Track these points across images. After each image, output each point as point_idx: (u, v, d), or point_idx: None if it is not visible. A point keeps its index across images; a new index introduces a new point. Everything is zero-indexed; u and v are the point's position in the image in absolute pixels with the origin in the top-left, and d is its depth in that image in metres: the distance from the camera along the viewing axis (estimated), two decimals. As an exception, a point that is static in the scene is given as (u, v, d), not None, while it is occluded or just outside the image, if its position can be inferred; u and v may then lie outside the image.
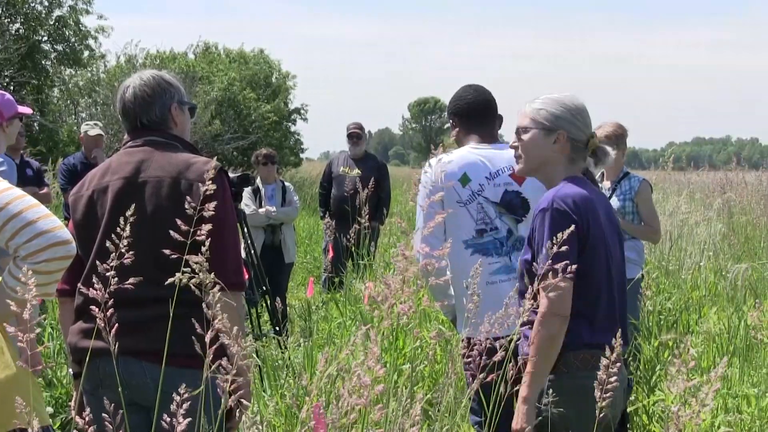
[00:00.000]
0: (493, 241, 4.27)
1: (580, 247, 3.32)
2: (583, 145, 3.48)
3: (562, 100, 3.52)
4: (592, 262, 3.30)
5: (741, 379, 6.24)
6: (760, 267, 9.57)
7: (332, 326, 7.09)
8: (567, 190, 3.40)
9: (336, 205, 10.23)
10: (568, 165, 3.49)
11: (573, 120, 3.48)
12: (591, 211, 3.36)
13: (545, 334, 3.26)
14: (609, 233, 3.43)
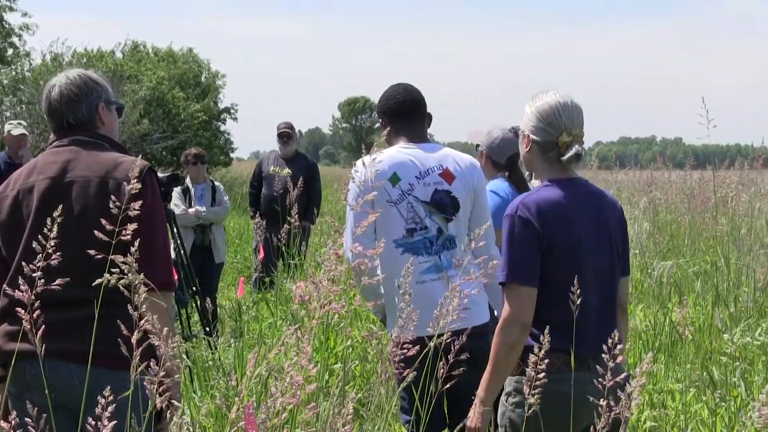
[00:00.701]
0: (423, 240, 4.29)
1: (543, 254, 3.35)
2: (552, 146, 3.44)
3: (536, 100, 3.49)
4: (557, 269, 3.30)
5: (666, 375, 6.35)
6: (685, 264, 9.74)
7: (263, 326, 7.07)
8: (534, 195, 3.42)
9: (266, 204, 10.20)
10: (548, 166, 3.48)
11: (536, 121, 3.46)
12: (560, 217, 3.36)
13: (504, 341, 3.32)
14: (589, 238, 3.41)
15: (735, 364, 5.99)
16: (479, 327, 4.25)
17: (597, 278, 3.42)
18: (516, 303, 3.32)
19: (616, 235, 3.50)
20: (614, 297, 3.49)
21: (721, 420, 5.33)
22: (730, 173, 11.08)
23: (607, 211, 3.50)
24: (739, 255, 8.80)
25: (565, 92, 3.48)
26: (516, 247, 3.34)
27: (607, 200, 3.54)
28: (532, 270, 3.32)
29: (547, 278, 3.32)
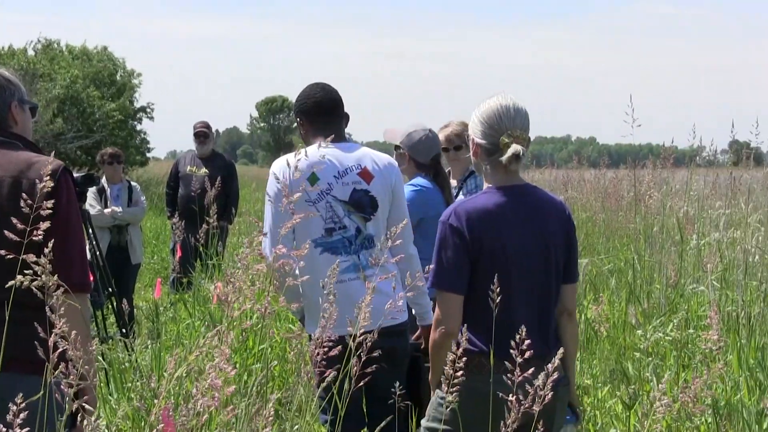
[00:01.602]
0: (342, 239, 4.30)
1: (472, 260, 3.40)
2: (495, 148, 3.46)
3: (481, 106, 3.53)
4: (485, 276, 3.32)
5: (582, 371, 6.45)
6: (600, 262, 9.90)
7: (181, 327, 7.01)
8: (468, 203, 3.47)
9: (183, 204, 10.11)
10: (494, 171, 3.51)
11: (480, 125, 3.50)
12: (490, 225, 3.40)
13: (434, 343, 3.44)
14: (521, 246, 3.44)
15: (648, 359, 6.11)
16: (396, 326, 4.27)
17: (528, 286, 3.46)
18: (443, 308, 3.43)
19: (557, 243, 3.53)
20: (549, 303, 3.53)
21: (635, 414, 5.43)
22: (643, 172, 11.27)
23: (549, 220, 3.53)
24: (651, 252, 8.97)
25: (509, 96, 3.52)
26: (445, 254, 3.42)
27: (552, 207, 3.57)
28: (459, 277, 3.39)
29: (475, 285, 3.38)
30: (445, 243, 3.42)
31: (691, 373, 5.92)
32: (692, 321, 7.16)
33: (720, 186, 10.87)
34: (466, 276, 3.40)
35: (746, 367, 5.63)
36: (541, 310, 3.50)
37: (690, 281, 8.11)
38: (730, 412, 5.17)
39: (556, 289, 3.55)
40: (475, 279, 3.40)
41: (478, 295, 3.35)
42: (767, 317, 6.42)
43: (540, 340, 3.39)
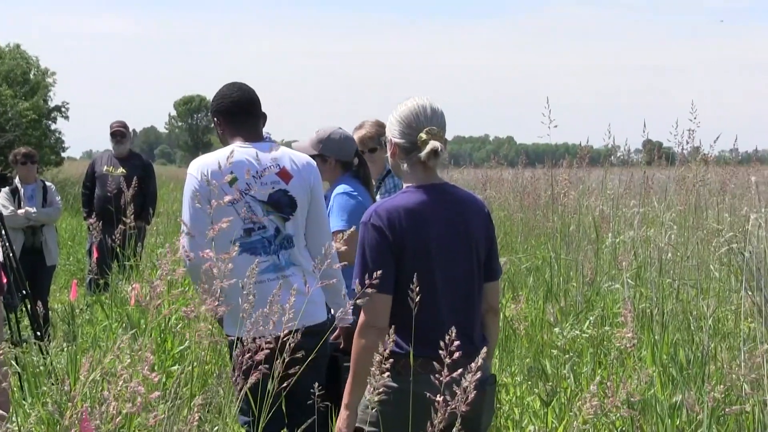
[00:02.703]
0: (261, 240, 4.28)
1: (396, 259, 3.41)
2: (413, 146, 3.48)
3: (398, 107, 3.55)
4: (409, 275, 3.33)
5: (500, 369, 6.51)
6: (518, 261, 10.01)
7: (97, 330, 6.91)
8: (389, 203, 3.48)
9: (100, 205, 9.97)
10: (412, 170, 3.53)
11: (397, 125, 3.52)
12: (412, 224, 3.42)
13: (360, 344, 3.40)
14: (444, 244, 3.46)
15: (565, 356, 6.19)
16: (316, 326, 4.27)
17: (452, 284, 3.48)
18: (369, 309, 3.40)
19: (479, 241, 3.56)
20: (474, 301, 3.55)
21: (552, 411, 5.51)
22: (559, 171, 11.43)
23: (470, 217, 3.56)
24: (568, 251, 9.09)
25: (425, 98, 3.56)
26: (368, 254, 3.41)
27: (473, 206, 3.60)
28: (384, 277, 3.39)
29: (400, 285, 3.38)
30: (369, 243, 3.42)
31: (607, 370, 6.02)
32: (608, 318, 7.29)
33: (634, 185, 11.07)
34: (391, 275, 3.40)
35: (660, 363, 5.75)
36: (466, 309, 3.52)
37: (605, 279, 8.25)
38: (644, 406, 5.26)
39: (479, 287, 3.58)
40: (399, 279, 3.40)
41: (402, 296, 3.36)
42: (679, 314, 6.56)
43: (466, 339, 3.41)
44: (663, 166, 10.31)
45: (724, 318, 6.79)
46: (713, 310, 5.99)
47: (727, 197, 9.31)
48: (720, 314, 6.74)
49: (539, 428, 5.34)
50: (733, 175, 9.54)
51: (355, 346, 3.43)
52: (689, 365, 5.63)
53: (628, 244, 8.16)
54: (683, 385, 5.30)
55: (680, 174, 8.91)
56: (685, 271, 7.27)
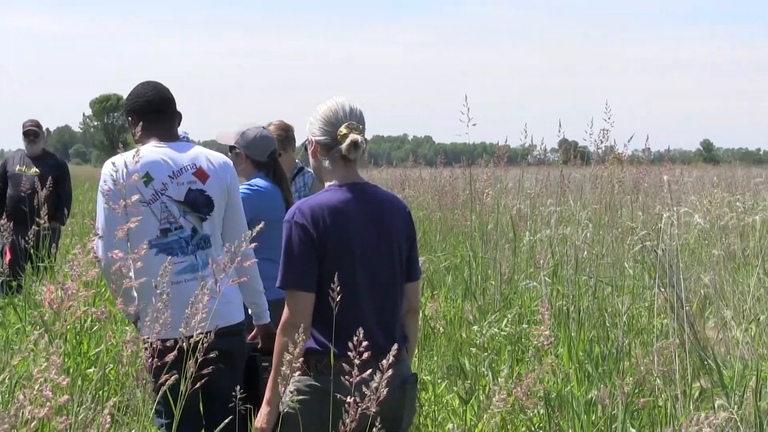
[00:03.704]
0: (177, 240, 4.23)
1: (319, 258, 3.40)
2: (334, 142, 3.50)
3: (318, 108, 3.57)
4: (331, 273, 3.33)
5: (420, 368, 6.55)
6: (436, 259, 10.07)
7: (10, 332, 6.77)
8: (312, 201, 3.48)
9: (12, 205, 9.77)
10: (333, 169, 3.54)
11: (317, 123, 3.54)
12: (335, 222, 3.42)
13: (283, 343, 3.36)
14: (367, 243, 3.47)
15: (484, 354, 6.25)
16: (234, 326, 4.25)
17: (374, 283, 3.49)
18: (293, 307, 3.41)
19: (400, 240, 3.58)
20: (396, 301, 3.57)
21: (471, 409, 5.55)
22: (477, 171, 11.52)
23: (391, 217, 3.57)
24: (486, 250, 9.17)
25: (343, 98, 3.58)
26: (292, 252, 3.42)
27: (394, 205, 3.62)
28: (307, 275, 3.40)
29: (322, 283, 3.38)
30: (292, 241, 3.42)
31: (524, 367, 6.09)
32: (525, 316, 7.37)
33: (551, 184, 11.20)
34: (314, 273, 3.41)
35: (576, 360, 5.83)
36: (387, 308, 3.53)
37: (523, 277, 8.34)
38: (561, 403, 5.34)
39: (400, 287, 3.60)
40: (321, 277, 3.40)
41: (324, 294, 3.36)
42: (595, 311, 6.66)
43: (388, 338, 3.42)
44: (579, 166, 10.46)
45: (638, 314, 6.92)
46: (627, 307, 6.09)
47: (640, 196, 9.47)
48: (634, 311, 6.86)
49: (458, 426, 5.37)
50: (647, 174, 9.69)
51: (278, 343, 3.43)
52: (604, 361, 5.72)
53: (545, 243, 8.27)
54: (599, 381, 5.39)
55: (595, 173, 9.05)
56: (600, 268, 7.38)
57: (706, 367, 5.06)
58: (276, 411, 3.46)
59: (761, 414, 4.49)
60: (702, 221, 7.23)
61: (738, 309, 5.99)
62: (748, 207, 10.38)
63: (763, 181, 13.11)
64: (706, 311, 6.80)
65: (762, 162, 38.79)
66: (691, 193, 12.37)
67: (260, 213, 5.16)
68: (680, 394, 4.71)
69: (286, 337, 3.38)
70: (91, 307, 3.26)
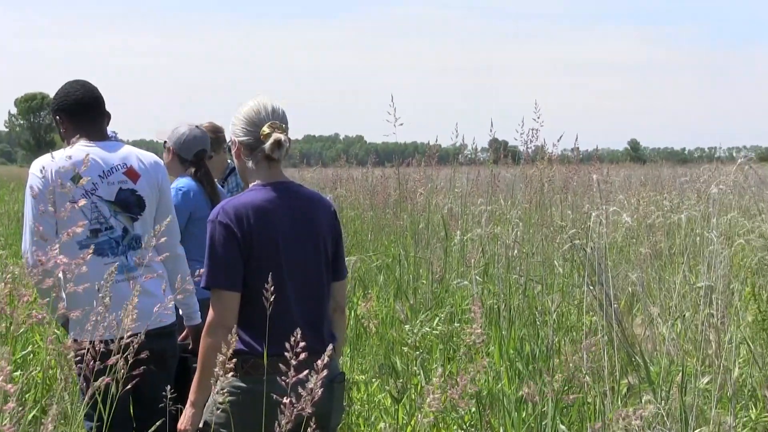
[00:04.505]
0: (108, 240, 4.19)
1: (245, 257, 3.38)
2: (257, 142, 3.49)
3: (240, 108, 3.56)
4: (257, 273, 3.32)
5: (352, 367, 6.55)
6: (368, 259, 10.07)
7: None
8: (236, 200, 3.47)
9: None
10: (257, 168, 3.53)
11: (240, 123, 3.53)
12: (260, 221, 3.40)
13: (209, 344, 3.36)
14: (292, 242, 3.46)
15: (415, 353, 6.27)
16: (165, 327, 4.22)
17: (301, 282, 3.49)
18: (218, 307, 3.39)
19: (326, 239, 3.58)
20: (323, 300, 3.57)
21: (403, 407, 5.57)
22: (409, 170, 11.56)
23: (317, 216, 3.57)
24: (418, 249, 9.21)
25: (266, 97, 3.58)
26: (217, 252, 3.40)
27: (319, 204, 3.62)
28: (232, 275, 3.38)
29: (248, 283, 3.37)
30: (217, 241, 3.40)
31: (456, 365, 6.13)
32: (457, 315, 7.41)
33: (481, 183, 11.28)
34: (240, 273, 3.39)
35: (507, 358, 5.88)
36: (314, 307, 3.53)
37: (454, 276, 8.38)
38: (492, 401, 5.38)
39: (327, 286, 3.60)
40: (247, 277, 3.39)
41: (250, 294, 3.35)
42: (525, 309, 6.73)
43: (315, 337, 3.42)
44: (509, 165, 10.54)
45: (567, 312, 7.00)
46: (557, 305, 6.15)
47: (569, 195, 9.58)
48: (563, 309, 6.93)
49: (390, 425, 5.39)
50: (576, 173, 9.82)
51: (203, 344, 3.40)
52: (535, 359, 5.78)
53: (476, 242, 8.31)
54: (529, 379, 5.44)
55: (525, 172, 9.13)
56: (530, 267, 7.45)
57: (634, 363, 5.14)
58: (200, 412, 3.44)
59: (686, 408, 4.57)
60: (630, 220, 7.33)
61: (664, 306, 6.09)
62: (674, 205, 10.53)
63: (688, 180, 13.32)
64: (633, 308, 6.91)
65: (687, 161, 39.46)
66: (619, 192, 12.53)
67: (193, 213, 5.16)
68: (609, 391, 4.77)
69: (211, 338, 3.36)
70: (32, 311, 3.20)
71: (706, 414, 4.63)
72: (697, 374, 4.80)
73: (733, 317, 5.27)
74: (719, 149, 23.41)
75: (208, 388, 3.38)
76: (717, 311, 4.92)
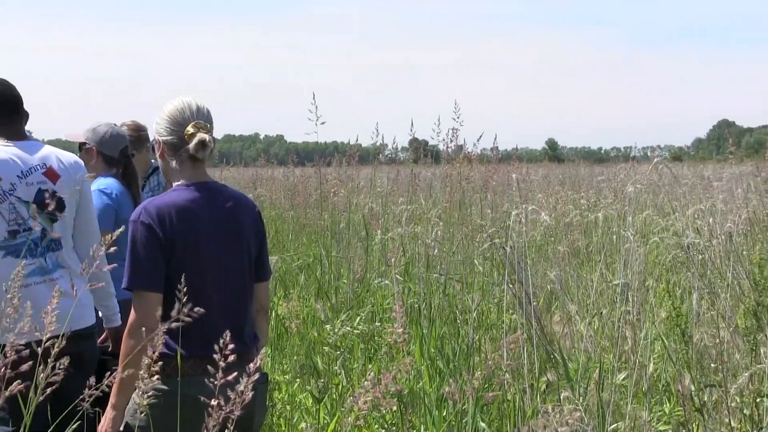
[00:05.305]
0: (26, 242, 4.12)
1: (167, 258, 3.35)
2: (181, 142, 3.46)
3: (164, 107, 3.53)
4: (179, 273, 3.29)
5: (273, 368, 6.53)
6: (289, 259, 10.05)
7: None
8: (158, 200, 3.44)
9: None
10: (180, 168, 3.50)
11: (164, 123, 3.50)
12: (182, 222, 3.37)
13: (131, 345, 3.33)
14: (215, 242, 3.44)
15: (337, 353, 6.28)
16: (85, 329, 4.17)
17: (224, 283, 3.48)
18: (140, 308, 3.36)
19: (250, 240, 3.57)
20: (245, 301, 3.56)
21: (324, 407, 5.57)
22: (330, 170, 11.57)
23: (241, 216, 3.55)
24: (339, 248, 9.22)
25: (189, 96, 3.56)
26: (138, 252, 3.37)
27: (243, 205, 3.60)
28: (154, 275, 3.35)
29: (170, 283, 3.34)
30: (138, 241, 3.37)
31: (377, 364, 6.15)
32: (378, 314, 7.44)
33: (402, 183, 11.33)
34: (161, 274, 3.36)
35: (427, 356, 5.92)
36: (237, 308, 3.52)
37: (375, 275, 8.41)
38: (413, 399, 5.41)
39: (250, 287, 3.59)
40: (169, 278, 3.36)
41: (173, 294, 3.33)
42: (446, 308, 6.78)
43: (237, 338, 3.40)
44: (429, 164, 10.61)
45: (487, 311, 7.07)
46: (477, 303, 6.21)
47: (489, 194, 9.68)
48: (484, 307, 7.00)
49: (311, 425, 5.39)
50: (495, 172, 9.91)
51: (124, 346, 3.37)
52: (455, 357, 5.83)
53: (397, 241, 8.35)
54: (450, 377, 5.49)
55: (445, 172, 9.20)
56: (451, 266, 7.51)
57: (553, 360, 5.21)
58: (121, 415, 3.41)
59: (603, 404, 4.65)
60: (548, 219, 7.44)
61: (582, 303, 6.19)
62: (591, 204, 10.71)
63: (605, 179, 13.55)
64: (552, 306, 7.00)
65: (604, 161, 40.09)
66: (537, 191, 12.70)
67: (118, 213, 5.10)
68: (528, 388, 4.84)
69: (133, 340, 3.34)
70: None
71: (623, 409, 4.72)
72: (613, 370, 4.89)
73: (648, 314, 5.38)
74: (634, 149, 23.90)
75: (130, 391, 3.36)
76: (633, 308, 5.02)
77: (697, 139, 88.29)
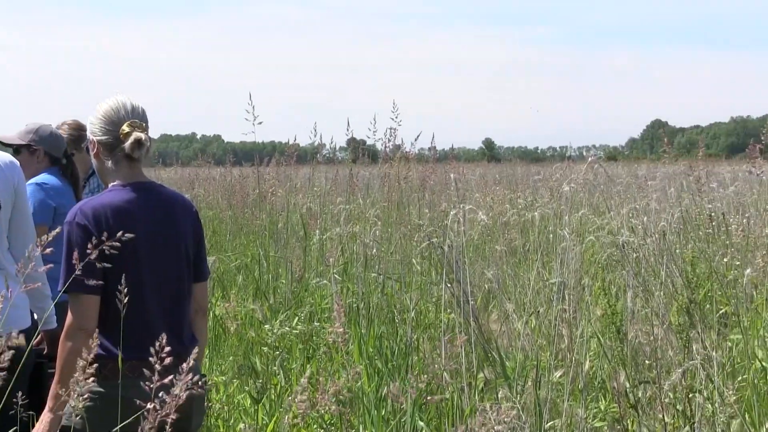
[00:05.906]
0: (-41, 244, 4.06)
1: (103, 260, 3.31)
2: (116, 141, 3.42)
3: (98, 107, 3.48)
4: (116, 275, 3.26)
5: (211, 368, 6.50)
6: (227, 259, 10.00)
7: None
8: (94, 201, 3.39)
9: None
10: (116, 168, 3.45)
11: (98, 122, 3.45)
12: (118, 222, 3.32)
13: (68, 348, 3.29)
14: (153, 243, 3.41)
15: (275, 353, 6.26)
16: (20, 332, 4.10)
17: (161, 284, 3.45)
18: (77, 311, 3.32)
19: (188, 240, 3.54)
20: (183, 302, 3.53)
21: (263, 408, 5.55)
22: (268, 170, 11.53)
23: (178, 217, 3.53)
24: (277, 248, 9.19)
25: (124, 95, 3.52)
26: (74, 254, 3.31)
27: (181, 205, 3.57)
28: (91, 278, 3.30)
29: (106, 285, 3.31)
30: (74, 243, 3.33)
31: (316, 364, 6.14)
32: (317, 314, 7.43)
33: (340, 182, 11.33)
34: (98, 276, 3.32)
35: (366, 356, 5.93)
36: (175, 309, 3.50)
37: (314, 275, 8.40)
38: (352, 399, 5.41)
39: (189, 288, 3.57)
40: (106, 279, 3.33)
41: (109, 297, 3.29)
42: (384, 307, 6.79)
43: (175, 339, 3.38)
44: (367, 164, 10.62)
45: (425, 310, 7.10)
46: (416, 302, 6.24)
47: (427, 194, 9.71)
48: (422, 306, 7.03)
49: (250, 426, 5.37)
50: (433, 172, 9.96)
51: (62, 348, 3.33)
52: (394, 357, 5.84)
53: (335, 241, 8.36)
54: (388, 377, 5.50)
55: (383, 171, 9.21)
56: (389, 265, 7.53)
57: (490, 358, 5.25)
58: (58, 419, 3.37)
59: (540, 402, 4.70)
60: (485, 218, 7.48)
61: (519, 302, 6.24)
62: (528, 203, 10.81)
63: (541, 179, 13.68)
64: (489, 305, 7.06)
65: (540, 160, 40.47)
66: (475, 191, 12.78)
67: (57, 210, 5.03)
68: (466, 386, 4.87)
69: (71, 342, 3.30)
70: None
71: (559, 407, 4.77)
72: (550, 368, 4.94)
73: (584, 312, 5.45)
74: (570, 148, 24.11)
75: (68, 394, 3.32)
76: (569, 306, 5.08)
77: (632, 139, 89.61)
